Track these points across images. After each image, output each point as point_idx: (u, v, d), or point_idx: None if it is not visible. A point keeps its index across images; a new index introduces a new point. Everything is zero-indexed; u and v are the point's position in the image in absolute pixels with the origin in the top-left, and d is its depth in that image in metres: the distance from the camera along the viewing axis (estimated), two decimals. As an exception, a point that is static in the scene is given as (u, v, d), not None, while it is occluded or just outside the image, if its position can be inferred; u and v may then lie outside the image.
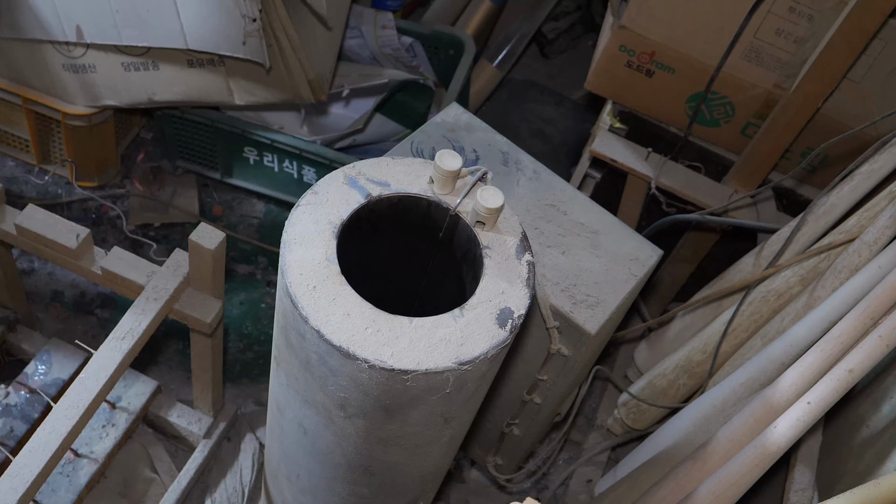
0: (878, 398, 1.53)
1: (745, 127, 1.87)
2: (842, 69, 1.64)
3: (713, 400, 1.54)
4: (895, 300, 1.28)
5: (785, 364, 1.47)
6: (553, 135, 2.72)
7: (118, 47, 1.85)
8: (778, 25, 1.70)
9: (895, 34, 1.64)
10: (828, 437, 1.61)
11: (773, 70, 1.76)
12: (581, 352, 1.36)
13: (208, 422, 1.64)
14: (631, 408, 1.82)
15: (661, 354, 1.88)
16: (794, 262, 1.61)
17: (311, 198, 0.98)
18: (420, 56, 2.43)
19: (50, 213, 1.31)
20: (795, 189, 1.94)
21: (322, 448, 1.06)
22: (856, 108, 1.76)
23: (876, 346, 1.22)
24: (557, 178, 1.48)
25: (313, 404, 0.99)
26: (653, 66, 1.84)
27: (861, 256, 1.47)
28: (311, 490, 1.19)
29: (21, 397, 1.52)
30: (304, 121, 2.15)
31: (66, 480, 1.50)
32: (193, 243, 1.24)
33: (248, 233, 2.18)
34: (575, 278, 1.35)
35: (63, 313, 1.89)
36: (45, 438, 1.11)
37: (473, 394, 1.00)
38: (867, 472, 1.44)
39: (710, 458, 1.37)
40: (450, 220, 1.02)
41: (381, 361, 0.86)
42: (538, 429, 1.61)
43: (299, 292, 0.89)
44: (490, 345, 0.90)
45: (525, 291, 0.96)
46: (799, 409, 1.25)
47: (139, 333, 1.22)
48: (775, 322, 1.59)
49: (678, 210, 1.93)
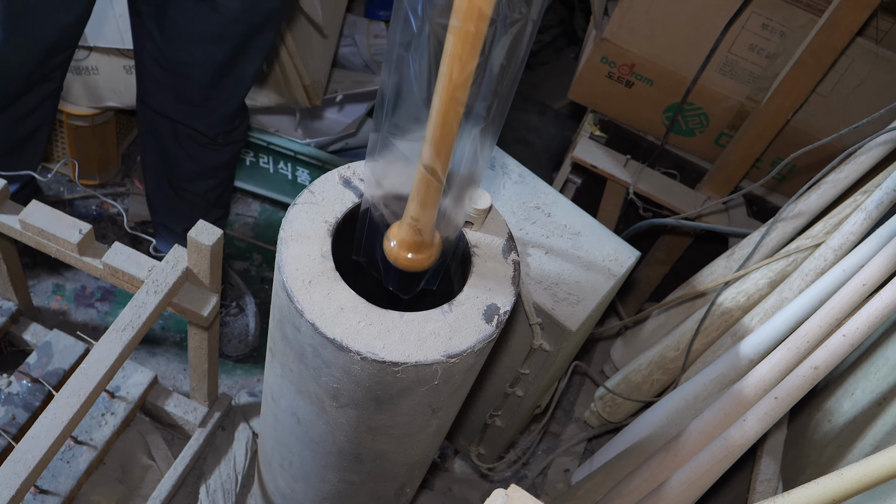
0: (840, 394, 1.55)
1: (718, 137, 1.89)
2: (811, 84, 1.65)
3: (685, 395, 1.55)
4: (858, 302, 1.29)
5: (753, 361, 1.48)
6: (536, 142, 2.73)
7: (121, 51, 1.84)
8: (751, 41, 1.71)
9: (861, 52, 1.66)
10: (792, 431, 1.62)
11: (746, 83, 1.77)
12: (561, 347, 1.36)
13: (204, 411, 1.63)
14: (607, 401, 1.82)
15: (636, 351, 1.89)
16: (763, 265, 1.62)
17: (307, 197, 0.98)
18: (410, 64, 2.42)
19: (53, 209, 1.30)
20: (765, 196, 1.96)
21: (314, 436, 1.06)
22: (823, 121, 1.78)
23: (840, 344, 1.23)
24: (541, 182, 1.49)
25: (307, 394, 0.99)
26: (632, 78, 1.85)
27: (826, 260, 1.48)
28: (303, 476, 1.19)
29: (23, 386, 1.51)
30: (299, 124, 2.15)
31: (67, 466, 1.48)
32: (192, 240, 1.23)
33: (244, 231, 2.17)
34: (557, 277, 1.35)
35: (64, 306, 1.87)
36: (46, 426, 1.10)
37: (460, 386, 1.00)
38: (829, 464, 1.45)
39: (682, 450, 1.37)
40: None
41: (372, 354, 0.86)
42: (519, 420, 1.61)
43: (295, 287, 0.89)
44: (477, 339, 0.90)
45: (511, 289, 0.96)
46: (766, 404, 1.26)
47: (138, 326, 1.21)
48: (745, 321, 1.60)
49: (654, 214, 1.94)
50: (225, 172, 1.70)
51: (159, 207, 1.76)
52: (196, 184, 1.67)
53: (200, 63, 1.46)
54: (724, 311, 1.65)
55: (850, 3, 1.49)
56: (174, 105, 1.54)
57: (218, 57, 1.45)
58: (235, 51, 1.45)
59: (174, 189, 1.68)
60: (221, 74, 1.49)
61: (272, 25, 1.46)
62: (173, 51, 1.45)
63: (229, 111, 1.58)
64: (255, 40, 1.46)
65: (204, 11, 1.37)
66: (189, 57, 1.45)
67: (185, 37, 1.42)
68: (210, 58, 1.45)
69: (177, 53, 1.45)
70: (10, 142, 1.52)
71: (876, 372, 1.47)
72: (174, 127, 1.57)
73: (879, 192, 1.45)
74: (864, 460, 0.92)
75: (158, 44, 1.44)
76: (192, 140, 1.59)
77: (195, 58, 1.45)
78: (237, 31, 1.42)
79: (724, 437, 1.28)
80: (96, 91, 1.89)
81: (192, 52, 1.44)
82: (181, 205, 1.69)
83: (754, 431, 1.26)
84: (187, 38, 1.42)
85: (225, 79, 1.50)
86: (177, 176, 1.66)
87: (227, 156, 1.67)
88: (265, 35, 1.46)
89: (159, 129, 1.59)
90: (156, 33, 1.43)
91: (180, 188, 1.67)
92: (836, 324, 1.30)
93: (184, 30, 1.41)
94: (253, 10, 1.39)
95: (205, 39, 1.42)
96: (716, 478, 1.28)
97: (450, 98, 0.76)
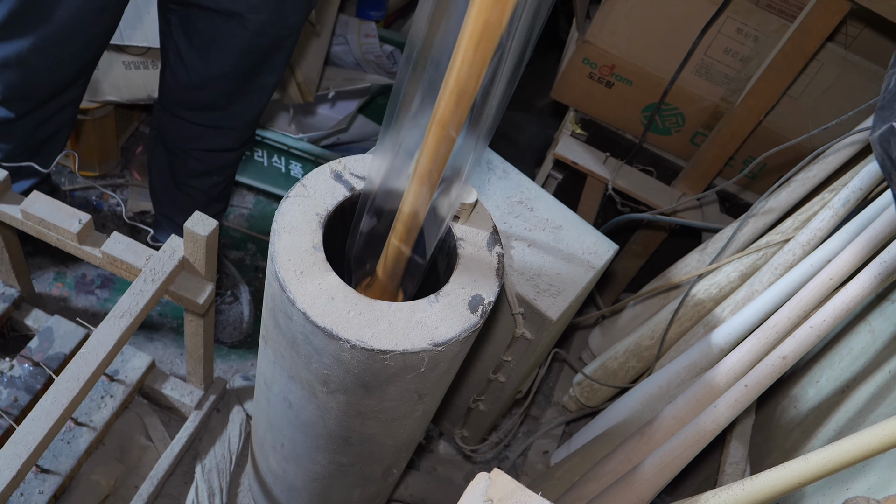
0: (805, 382, 1.56)
1: (693, 136, 1.89)
2: (782, 86, 1.65)
3: (659, 381, 1.55)
4: (825, 295, 1.30)
5: (725, 350, 1.48)
6: (519, 138, 2.72)
7: (120, 47, 1.81)
8: (726, 45, 1.71)
9: (831, 56, 1.66)
10: (760, 417, 1.63)
11: (721, 85, 1.77)
12: (542, 336, 1.36)
13: (199, 394, 1.62)
14: (585, 387, 1.83)
15: (612, 339, 1.89)
16: (735, 259, 1.63)
17: (299, 190, 0.97)
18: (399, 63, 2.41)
19: (53, 199, 1.28)
20: (738, 194, 1.96)
21: (305, 420, 1.05)
22: (793, 122, 1.78)
23: (808, 335, 1.23)
24: (524, 178, 1.48)
25: (298, 380, 0.98)
26: (612, 78, 1.85)
27: (795, 255, 1.49)
28: (294, 458, 1.19)
29: (25, 370, 1.49)
30: (293, 120, 2.13)
31: (67, 447, 1.47)
32: (188, 230, 1.22)
33: (239, 222, 2.15)
34: (539, 269, 1.35)
35: (65, 293, 1.85)
36: (47, 408, 1.09)
37: (445, 372, 0.99)
38: (794, 448, 1.46)
39: (656, 434, 1.38)
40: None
41: (361, 342, 0.85)
42: (501, 405, 1.61)
43: (287, 277, 0.88)
44: (462, 328, 0.90)
45: (495, 280, 0.95)
46: (737, 391, 1.26)
47: (136, 312, 1.20)
48: (717, 312, 1.61)
49: (632, 209, 1.94)
50: (230, 171, 1.68)
51: (163, 201, 1.74)
52: (201, 181, 1.65)
53: (225, 73, 1.44)
54: (696, 303, 1.65)
55: (821, 9, 1.49)
56: (195, 112, 1.52)
57: (242, 67, 1.43)
58: (260, 61, 1.44)
59: (178, 185, 1.66)
60: (244, 84, 1.47)
61: (294, 37, 1.45)
62: (200, 62, 1.43)
63: (249, 119, 1.56)
64: (279, 52, 1.44)
65: (232, 26, 1.35)
66: (215, 68, 1.43)
67: (213, 49, 1.40)
68: (235, 69, 1.43)
69: (203, 65, 1.43)
70: (30, 143, 1.50)
71: (840, 361, 1.48)
72: (190, 130, 1.55)
73: (846, 191, 1.45)
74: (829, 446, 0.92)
75: (185, 55, 1.43)
76: (203, 142, 1.57)
77: (221, 69, 1.43)
78: (263, 44, 1.40)
79: (696, 422, 1.28)
80: (96, 85, 1.86)
81: (219, 63, 1.42)
82: (184, 199, 1.68)
83: (725, 417, 1.26)
84: (215, 50, 1.40)
85: (248, 87, 1.48)
86: (182, 174, 1.64)
87: (235, 157, 1.65)
88: (288, 46, 1.45)
89: (173, 131, 1.57)
90: (183, 44, 1.41)
91: (184, 184, 1.65)
92: (804, 316, 1.30)
93: (212, 42, 1.39)
94: (279, 23, 1.37)
95: (231, 52, 1.40)
96: (687, 461, 1.28)
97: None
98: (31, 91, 1.40)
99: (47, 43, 1.29)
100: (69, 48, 1.33)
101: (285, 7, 1.35)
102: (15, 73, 1.34)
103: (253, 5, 1.32)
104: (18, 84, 1.37)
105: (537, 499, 0.62)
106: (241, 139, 1.60)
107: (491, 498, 0.61)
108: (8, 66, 1.32)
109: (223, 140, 1.58)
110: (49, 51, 1.31)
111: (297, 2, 1.36)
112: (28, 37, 1.27)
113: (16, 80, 1.35)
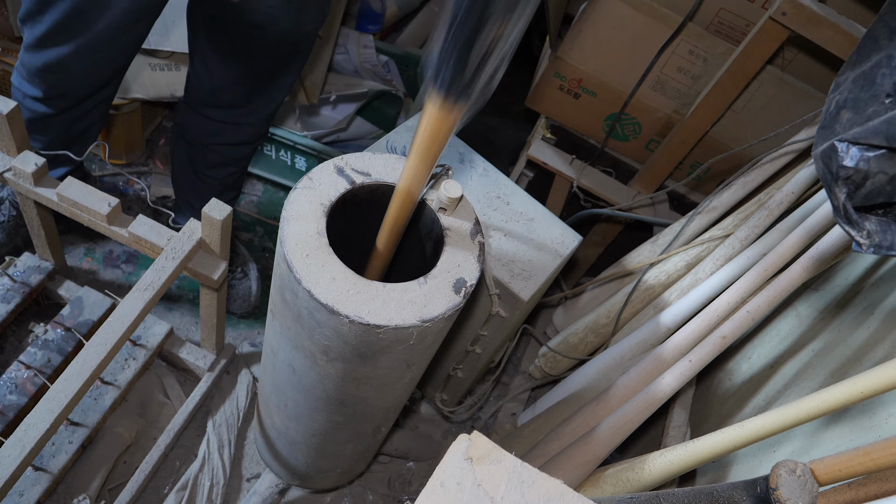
0: (739, 358, 1.57)
1: (648, 142, 1.89)
2: (727, 101, 1.66)
3: (614, 355, 1.56)
4: (760, 283, 1.31)
5: (671, 330, 1.49)
6: (496, 140, 2.70)
7: (147, 50, 1.77)
8: (679, 64, 1.71)
9: (770, 77, 1.66)
10: (700, 387, 1.65)
11: (674, 99, 1.77)
12: (514, 314, 1.35)
13: (212, 358, 1.61)
14: (549, 358, 1.83)
15: (574, 318, 1.90)
16: (682, 251, 1.63)
17: (306, 182, 0.95)
18: (393, 72, 2.39)
19: (85, 184, 1.25)
20: (686, 194, 1.96)
21: (307, 384, 1.04)
22: (736, 133, 1.78)
23: (744, 319, 1.24)
24: (502, 175, 1.47)
25: (301, 349, 0.97)
26: (580, 91, 1.84)
27: (734, 248, 1.49)
28: (295, 417, 1.18)
29: (58, 334, 1.47)
30: (298, 119, 2.10)
31: (94, 403, 1.45)
32: (205, 215, 1.20)
33: (249, 207, 2.12)
34: (513, 256, 1.34)
35: (94, 266, 1.82)
36: (77, 369, 1.07)
37: (431, 345, 0.99)
38: (729, 415, 1.47)
39: (611, 401, 1.38)
40: (418, 205, 1.00)
41: (359, 318, 0.84)
42: (477, 372, 1.61)
43: (295, 259, 0.87)
44: (447, 307, 0.89)
45: (476, 265, 0.95)
46: (682, 366, 1.27)
47: (158, 286, 1.18)
48: (665, 296, 1.62)
49: (593, 205, 1.94)
50: (244, 162, 1.66)
51: (184, 187, 1.71)
52: (218, 171, 1.63)
53: (246, 76, 1.41)
54: (647, 288, 1.66)
55: (762, 35, 1.49)
56: (216, 109, 1.49)
57: (262, 70, 1.40)
58: (279, 63, 1.41)
59: (197, 175, 1.63)
60: (264, 84, 1.44)
61: (310, 44, 1.42)
62: (224, 66, 1.40)
63: (265, 116, 1.53)
64: (297, 56, 1.41)
65: (255, 35, 1.32)
66: (237, 71, 1.40)
67: (237, 55, 1.37)
68: (255, 71, 1.40)
69: (227, 69, 1.40)
70: (66, 135, 1.46)
71: (770, 341, 1.49)
72: (210, 126, 1.52)
73: (780, 194, 1.46)
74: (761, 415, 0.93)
75: (210, 60, 1.40)
76: (222, 136, 1.54)
77: (242, 72, 1.40)
78: (283, 48, 1.37)
79: (646, 391, 1.29)
80: (125, 84, 1.82)
81: (241, 67, 1.39)
82: (202, 187, 1.65)
83: (671, 387, 1.27)
84: (238, 56, 1.37)
85: (266, 87, 1.45)
86: (202, 164, 1.61)
87: (250, 150, 1.63)
88: (304, 51, 1.42)
89: (195, 126, 1.54)
90: (209, 51, 1.39)
91: (203, 174, 1.63)
92: (741, 301, 1.31)
93: (236, 50, 1.36)
94: (299, 29, 1.34)
95: (253, 57, 1.37)
96: (638, 424, 1.29)
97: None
98: (70, 91, 1.37)
99: (86, 50, 1.26)
100: (105, 54, 1.30)
101: (303, 18, 1.33)
102: (56, 76, 1.31)
103: (274, 17, 1.29)
104: (58, 85, 1.34)
105: (510, 457, 0.61)
106: (256, 134, 1.57)
107: (471, 456, 0.61)
108: (50, 70, 1.30)
109: (240, 135, 1.55)
110: (87, 56, 1.28)
111: (313, 13, 1.34)
112: (70, 44, 1.25)
113: (56, 81, 1.33)
